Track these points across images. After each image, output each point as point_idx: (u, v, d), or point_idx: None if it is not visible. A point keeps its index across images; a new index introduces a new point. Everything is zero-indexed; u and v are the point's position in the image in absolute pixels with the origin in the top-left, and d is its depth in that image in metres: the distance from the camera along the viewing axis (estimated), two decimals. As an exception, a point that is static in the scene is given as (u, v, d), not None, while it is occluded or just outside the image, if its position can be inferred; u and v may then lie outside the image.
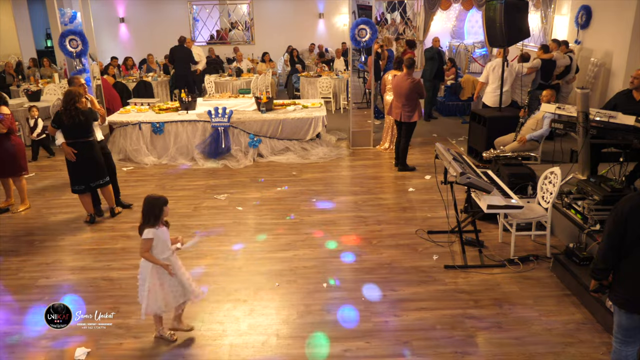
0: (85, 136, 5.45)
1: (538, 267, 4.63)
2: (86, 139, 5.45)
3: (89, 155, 5.49)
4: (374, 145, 8.51)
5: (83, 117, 5.32)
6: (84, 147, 5.45)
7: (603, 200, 4.53)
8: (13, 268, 4.81)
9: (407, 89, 7.03)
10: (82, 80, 5.84)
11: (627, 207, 2.76)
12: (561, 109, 5.70)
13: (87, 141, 5.47)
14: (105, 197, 5.85)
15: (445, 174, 4.83)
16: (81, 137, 5.42)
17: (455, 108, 10.83)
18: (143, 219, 3.46)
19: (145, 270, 3.51)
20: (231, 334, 3.77)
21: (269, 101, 8.34)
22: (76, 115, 5.27)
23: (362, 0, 14.13)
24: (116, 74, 11.34)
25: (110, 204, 5.90)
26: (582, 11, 9.41)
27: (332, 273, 4.59)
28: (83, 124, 5.36)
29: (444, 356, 3.50)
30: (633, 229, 2.73)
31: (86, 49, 7.82)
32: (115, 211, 5.92)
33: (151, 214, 3.42)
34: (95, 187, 5.65)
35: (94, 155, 5.55)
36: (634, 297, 2.80)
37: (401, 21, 16.10)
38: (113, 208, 5.92)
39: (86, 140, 5.46)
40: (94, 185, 5.63)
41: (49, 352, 3.63)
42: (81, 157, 5.45)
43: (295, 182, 6.93)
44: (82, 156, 5.45)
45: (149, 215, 3.43)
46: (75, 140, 5.41)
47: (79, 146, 5.42)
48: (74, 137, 5.40)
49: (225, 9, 15.22)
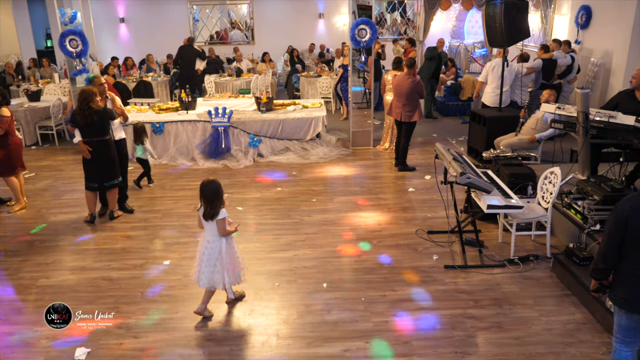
0: (100, 135, 5.48)
1: (538, 267, 4.63)
2: (101, 138, 5.49)
3: (103, 154, 5.53)
4: (374, 145, 8.51)
5: (96, 116, 5.36)
6: (98, 146, 5.49)
7: (603, 200, 4.53)
8: (13, 268, 4.81)
9: (407, 89, 7.03)
10: (103, 80, 5.82)
11: (628, 206, 2.76)
12: (561, 109, 5.71)
13: (102, 140, 5.51)
14: (110, 199, 5.82)
15: (445, 174, 4.83)
16: (95, 136, 5.46)
17: (455, 108, 10.83)
18: (210, 204, 3.69)
19: (217, 250, 3.78)
20: (231, 334, 3.76)
21: (269, 101, 8.34)
22: (89, 115, 5.33)
23: (362, 0, 14.13)
24: (116, 74, 11.35)
25: (112, 206, 5.86)
26: (582, 11, 9.41)
27: (332, 273, 4.59)
28: (96, 124, 5.40)
29: (444, 356, 3.50)
30: (633, 229, 2.73)
31: (86, 49, 7.81)
32: (114, 215, 5.86)
33: (218, 196, 3.71)
34: (109, 187, 5.66)
35: (109, 155, 5.59)
36: (634, 296, 2.80)
37: (401, 21, 16.10)
38: (113, 211, 5.87)
39: (101, 139, 5.49)
40: (108, 185, 5.65)
41: (49, 352, 3.63)
42: (96, 156, 5.51)
43: (295, 182, 6.93)
44: (96, 155, 5.50)
45: (218, 198, 3.71)
46: (90, 139, 5.46)
47: (93, 145, 5.47)
48: (89, 136, 5.46)
49: (225, 9, 15.21)
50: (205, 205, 3.72)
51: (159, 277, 4.59)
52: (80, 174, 5.87)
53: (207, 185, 3.72)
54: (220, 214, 3.71)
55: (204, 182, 3.74)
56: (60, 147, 8.96)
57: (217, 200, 3.70)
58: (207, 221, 3.74)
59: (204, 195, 3.72)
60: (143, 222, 5.80)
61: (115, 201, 5.87)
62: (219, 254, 3.79)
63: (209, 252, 3.79)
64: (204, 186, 3.72)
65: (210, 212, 3.69)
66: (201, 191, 3.73)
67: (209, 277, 3.82)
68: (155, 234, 5.50)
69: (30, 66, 12.57)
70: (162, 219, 5.85)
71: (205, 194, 3.71)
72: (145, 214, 6.02)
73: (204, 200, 3.72)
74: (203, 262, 3.81)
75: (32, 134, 9.14)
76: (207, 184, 3.73)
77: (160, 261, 4.87)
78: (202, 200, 3.74)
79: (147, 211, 6.08)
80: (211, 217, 3.71)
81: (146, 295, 4.30)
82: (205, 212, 3.71)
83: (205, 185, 3.72)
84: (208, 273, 3.81)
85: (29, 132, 9.09)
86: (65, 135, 9.55)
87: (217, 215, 3.71)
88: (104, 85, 5.76)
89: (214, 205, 3.69)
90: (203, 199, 3.73)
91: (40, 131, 9.16)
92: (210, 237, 3.78)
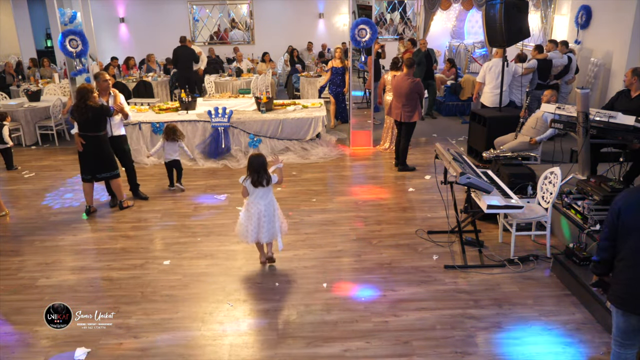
0: (94, 131, 5.69)
1: (538, 267, 4.64)
2: (95, 134, 5.70)
3: (95, 149, 5.75)
4: (374, 145, 8.52)
5: (92, 113, 5.57)
6: (91, 140, 5.70)
7: (603, 200, 4.53)
8: (13, 268, 4.81)
9: (407, 89, 7.03)
10: (108, 76, 6.01)
11: (622, 200, 2.78)
12: (561, 109, 5.71)
13: (95, 135, 5.71)
14: (115, 190, 6.06)
15: (445, 174, 4.83)
16: (90, 131, 5.67)
17: (455, 108, 10.83)
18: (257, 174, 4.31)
19: (272, 207, 4.47)
20: (231, 334, 3.77)
21: (269, 101, 8.34)
22: (85, 111, 5.55)
23: (362, 0, 14.14)
24: (116, 74, 11.35)
25: (119, 197, 6.09)
26: (582, 11, 9.41)
27: (332, 273, 4.59)
28: (91, 120, 5.61)
29: (444, 356, 3.50)
30: (623, 223, 2.73)
31: (86, 49, 7.81)
32: (123, 204, 6.10)
33: (264, 167, 4.36)
34: (101, 178, 5.87)
35: (101, 150, 5.79)
36: (629, 293, 2.77)
37: (401, 21, 16.10)
38: (122, 201, 6.10)
39: (94, 134, 5.70)
40: (100, 177, 5.86)
41: (49, 352, 3.63)
42: (88, 150, 5.73)
43: (295, 182, 6.93)
44: (88, 149, 5.73)
45: (264, 168, 4.35)
46: (85, 134, 5.68)
47: (87, 139, 5.70)
48: (84, 131, 5.69)
49: (225, 9, 15.21)
50: (252, 175, 4.32)
51: (159, 277, 4.59)
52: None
53: (256, 158, 4.36)
54: (273, 178, 4.42)
55: (253, 156, 4.40)
56: (60, 147, 8.97)
57: (262, 170, 4.33)
58: (258, 187, 4.35)
59: (252, 167, 4.32)
60: (143, 222, 5.80)
61: (120, 191, 6.08)
62: (274, 210, 4.48)
63: (267, 211, 4.43)
64: (253, 159, 4.35)
65: (259, 179, 4.32)
66: (250, 164, 4.34)
67: (271, 232, 4.50)
68: (155, 234, 5.50)
69: (30, 66, 12.57)
70: (162, 219, 5.85)
71: (253, 166, 4.32)
72: (145, 214, 6.02)
73: (251, 171, 4.32)
74: (263, 221, 4.42)
75: (32, 134, 9.14)
76: (255, 157, 4.38)
77: (160, 261, 4.87)
78: (250, 172, 4.34)
79: (147, 211, 6.08)
80: (267, 183, 4.36)
81: (146, 295, 4.30)
82: (254, 180, 4.32)
83: (254, 158, 4.36)
84: (270, 228, 4.47)
85: (29, 132, 9.10)
86: (65, 135, 9.55)
87: (272, 181, 4.39)
88: (108, 82, 5.97)
89: (260, 175, 4.31)
90: (251, 169, 4.33)
91: (40, 131, 9.16)
92: (263, 200, 4.42)
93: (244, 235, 4.49)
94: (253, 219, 4.41)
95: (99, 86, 5.91)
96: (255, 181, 4.30)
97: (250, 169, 4.33)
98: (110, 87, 6.01)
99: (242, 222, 4.50)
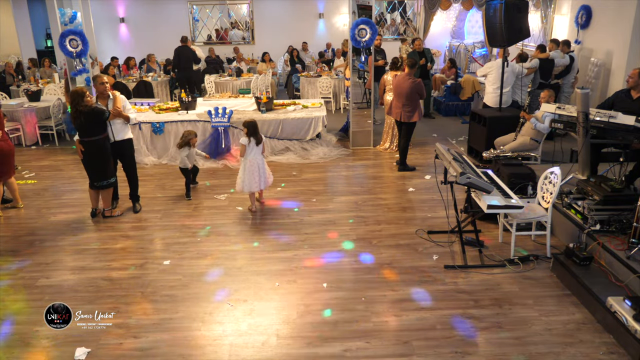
0: (89, 136, 5.50)
1: (538, 267, 4.63)
2: (90, 139, 5.51)
3: (92, 155, 5.58)
4: (374, 145, 8.51)
5: (83, 117, 5.38)
6: (88, 146, 5.54)
7: (603, 200, 4.53)
8: (13, 268, 4.81)
9: (407, 89, 7.03)
10: (105, 79, 5.77)
11: None
12: (561, 109, 5.71)
13: (91, 141, 5.52)
14: (102, 197, 5.85)
15: (445, 174, 4.83)
16: (85, 136, 5.52)
17: (455, 108, 10.83)
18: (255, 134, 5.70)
19: (263, 161, 5.84)
20: (231, 334, 3.77)
21: (269, 101, 8.34)
22: (78, 116, 5.39)
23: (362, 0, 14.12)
24: (116, 74, 11.35)
25: (105, 205, 5.86)
26: (582, 11, 9.41)
27: (332, 273, 4.59)
28: (85, 125, 5.44)
29: (444, 356, 3.50)
30: None
31: (86, 49, 7.82)
32: (105, 214, 5.86)
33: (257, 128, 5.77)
34: (98, 187, 5.70)
35: (99, 156, 5.60)
36: None
37: (401, 21, 16.09)
38: (104, 210, 5.88)
39: (90, 139, 5.51)
40: (98, 185, 5.69)
41: (49, 352, 3.63)
42: (85, 155, 5.59)
43: (296, 182, 6.93)
44: (86, 155, 5.58)
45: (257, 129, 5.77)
46: (81, 139, 5.55)
47: (84, 145, 5.55)
48: (81, 136, 5.55)
49: (225, 9, 15.22)
50: (255, 136, 5.68)
51: (159, 277, 4.59)
52: (80, 174, 5.90)
53: (252, 123, 5.70)
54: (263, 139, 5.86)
55: (247, 121, 5.70)
56: (60, 147, 8.97)
57: (257, 131, 5.73)
58: (257, 145, 5.71)
59: (252, 129, 5.66)
60: (143, 222, 5.80)
61: (108, 200, 5.84)
62: (264, 163, 5.86)
63: (262, 164, 5.79)
64: (249, 124, 5.67)
65: (258, 138, 5.71)
66: (248, 128, 5.64)
67: (265, 180, 5.86)
68: (155, 234, 5.50)
69: (30, 66, 12.58)
70: (162, 219, 5.85)
71: (250, 128, 5.65)
72: (145, 214, 6.02)
73: (253, 133, 5.65)
74: (261, 171, 5.77)
75: (32, 134, 9.14)
76: (250, 122, 5.70)
77: (160, 261, 4.87)
78: (251, 133, 5.64)
79: (147, 211, 6.08)
80: (261, 141, 5.74)
81: (146, 295, 4.30)
82: (257, 139, 5.70)
83: (250, 123, 5.69)
84: (264, 177, 5.83)
85: (29, 132, 9.09)
86: (65, 135, 9.55)
87: (262, 140, 5.79)
88: (105, 85, 5.71)
89: (257, 135, 5.70)
90: (251, 132, 5.65)
91: (40, 131, 9.16)
92: (259, 155, 5.77)
93: (247, 186, 5.71)
94: (254, 171, 5.69)
95: (96, 89, 5.71)
96: (257, 140, 5.65)
97: (250, 132, 5.62)
98: (108, 89, 5.74)
99: (242, 176, 5.72)
